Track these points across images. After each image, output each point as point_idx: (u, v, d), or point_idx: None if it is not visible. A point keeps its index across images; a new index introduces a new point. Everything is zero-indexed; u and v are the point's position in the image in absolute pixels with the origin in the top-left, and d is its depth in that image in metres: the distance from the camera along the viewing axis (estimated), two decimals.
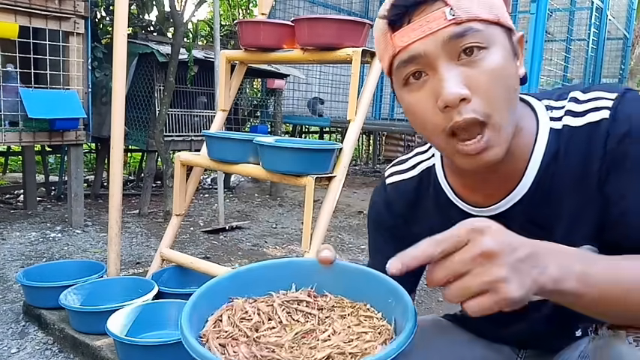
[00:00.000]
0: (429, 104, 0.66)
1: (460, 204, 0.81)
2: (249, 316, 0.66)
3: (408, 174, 0.89)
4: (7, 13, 2.82)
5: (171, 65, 3.67)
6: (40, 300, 1.97)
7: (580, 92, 0.74)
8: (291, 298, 0.71)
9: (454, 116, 0.64)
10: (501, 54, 0.66)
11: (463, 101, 0.64)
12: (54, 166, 5.47)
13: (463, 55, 0.64)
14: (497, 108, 0.65)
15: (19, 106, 2.97)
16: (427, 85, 0.66)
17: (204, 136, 2.03)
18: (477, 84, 0.64)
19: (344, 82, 5.95)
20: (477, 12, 0.64)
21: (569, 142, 0.72)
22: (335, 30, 1.87)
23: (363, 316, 0.68)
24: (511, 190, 0.75)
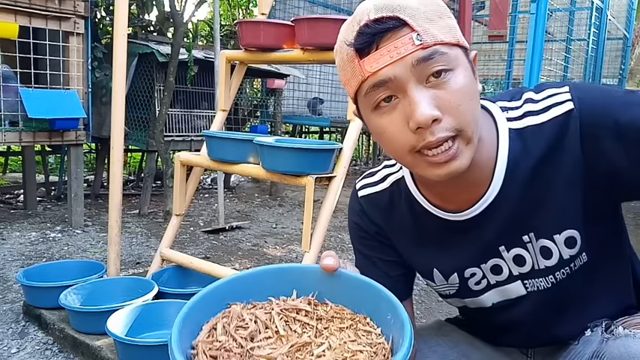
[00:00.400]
0: (400, 126, 0.69)
1: (435, 211, 0.83)
2: (245, 324, 0.65)
3: (379, 187, 0.91)
4: (7, 13, 2.82)
5: (171, 65, 3.67)
6: (40, 300, 1.97)
7: (532, 92, 0.78)
8: (291, 306, 0.70)
9: (426, 136, 0.67)
10: (464, 73, 0.69)
11: (435, 122, 0.67)
12: (54, 166, 5.47)
13: (432, 77, 0.67)
14: (466, 123, 0.68)
15: (19, 106, 2.98)
16: (398, 108, 0.69)
17: (204, 136, 2.03)
18: (446, 104, 0.67)
19: None
20: (442, 37, 0.68)
21: (536, 139, 0.75)
22: (335, 30, 1.86)
23: (362, 330, 0.67)
24: (483, 194, 0.78)
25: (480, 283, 0.86)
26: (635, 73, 7.56)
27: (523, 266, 0.82)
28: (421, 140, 0.68)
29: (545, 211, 0.77)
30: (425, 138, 0.67)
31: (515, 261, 0.82)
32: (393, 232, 0.90)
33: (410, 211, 0.87)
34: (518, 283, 0.84)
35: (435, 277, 0.90)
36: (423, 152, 0.69)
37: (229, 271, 1.95)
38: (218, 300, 0.69)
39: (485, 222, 0.80)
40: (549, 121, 0.74)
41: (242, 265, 2.87)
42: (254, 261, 2.95)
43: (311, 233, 1.77)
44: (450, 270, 0.87)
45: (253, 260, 2.96)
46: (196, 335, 0.63)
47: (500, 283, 0.85)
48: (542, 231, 0.79)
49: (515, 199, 0.77)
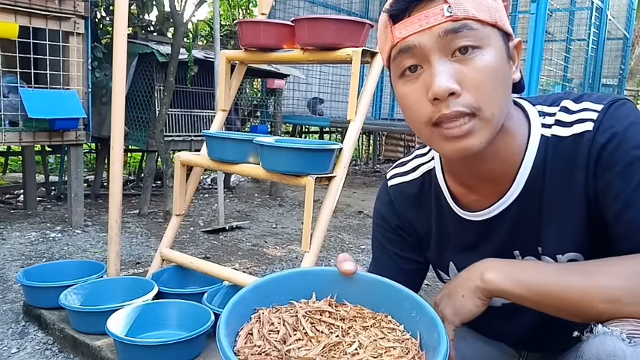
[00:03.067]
0: (421, 96, 0.69)
1: (455, 207, 0.84)
2: (276, 329, 0.67)
3: (410, 176, 0.92)
4: (7, 13, 2.82)
5: (171, 65, 3.67)
6: (40, 300, 1.97)
7: (572, 102, 0.76)
8: (314, 309, 0.71)
9: (442, 108, 0.67)
10: (494, 54, 0.68)
11: (452, 95, 0.66)
12: (54, 166, 5.47)
13: (458, 52, 0.67)
14: (485, 103, 0.67)
15: (19, 106, 2.98)
16: (421, 78, 0.69)
17: (204, 136, 2.03)
18: (467, 80, 0.67)
19: (344, 82, 5.94)
20: (475, 12, 0.67)
21: (556, 151, 0.75)
22: (335, 30, 1.87)
23: (385, 328, 0.68)
24: (503, 194, 0.78)
25: None
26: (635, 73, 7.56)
27: None
28: (437, 112, 0.68)
29: (554, 228, 0.77)
30: (440, 110, 0.67)
31: None
32: (419, 223, 0.91)
33: (436, 204, 0.88)
34: None
35: (450, 270, 0.90)
36: (439, 125, 0.69)
37: (229, 271, 1.95)
38: (247, 307, 0.71)
39: (503, 224, 0.80)
40: (571, 136, 0.73)
41: (242, 265, 2.87)
42: (254, 261, 2.95)
43: (311, 233, 1.77)
44: (465, 266, 0.87)
45: (253, 260, 2.96)
46: (233, 342, 0.65)
47: None
48: (548, 248, 0.78)
49: (532, 207, 0.77)
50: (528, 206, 0.77)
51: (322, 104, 5.67)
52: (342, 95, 5.98)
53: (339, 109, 5.98)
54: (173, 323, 1.78)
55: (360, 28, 1.90)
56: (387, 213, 0.94)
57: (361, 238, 3.49)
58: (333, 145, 1.85)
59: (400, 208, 0.92)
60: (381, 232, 0.96)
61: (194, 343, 1.61)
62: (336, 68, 5.94)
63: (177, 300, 1.86)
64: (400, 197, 0.92)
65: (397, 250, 0.94)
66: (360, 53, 1.83)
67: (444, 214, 0.86)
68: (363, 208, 4.46)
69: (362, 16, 6.15)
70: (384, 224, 0.95)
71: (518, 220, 0.79)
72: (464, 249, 0.86)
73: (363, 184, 5.98)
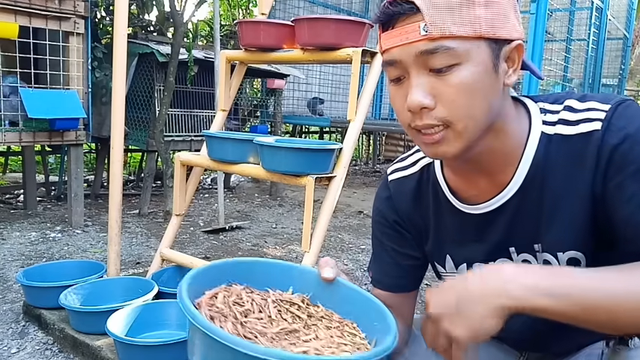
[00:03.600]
0: (402, 102, 0.73)
1: (453, 200, 0.85)
2: (242, 302, 0.68)
3: (410, 170, 0.93)
4: (7, 13, 2.82)
5: (171, 65, 3.67)
6: (40, 300, 1.97)
7: (576, 101, 0.76)
8: (286, 299, 0.73)
9: (416, 120, 0.71)
10: (472, 70, 0.68)
11: (425, 109, 0.70)
12: (54, 166, 5.47)
13: (433, 71, 0.69)
14: (459, 118, 0.70)
15: (19, 106, 2.98)
16: (404, 86, 0.73)
17: (204, 136, 2.03)
18: (441, 95, 0.69)
19: (344, 82, 5.94)
20: (454, 29, 0.67)
21: (560, 150, 0.75)
22: (335, 30, 1.87)
23: (347, 332, 0.70)
24: (502, 188, 0.79)
25: None
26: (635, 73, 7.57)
27: None
28: (412, 121, 0.72)
29: (556, 225, 0.76)
30: (414, 120, 0.72)
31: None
32: (418, 218, 0.92)
33: (434, 198, 0.88)
34: None
35: (446, 263, 0.91)
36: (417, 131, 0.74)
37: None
38: (221, 275, 0.72)
39: (500, 220, 0.80)
40: (577, 135, 0.73)
41: None
42: None
43: (311, 233, 1.77)
44: (461, 260, 0.88)
45: None
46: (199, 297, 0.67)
47: None
48: (548, 245, 0.78)
49: (531, 203, 0.77)
50: (528, 202, 0.77)
51: (322, 104, 5.67)
52: (342, 95, 5.98)
53: (339, 109, 5.98)
54: (173, 323, 1.78)
55: (360, 28, 1.90)
56: (385, 209, 0.95)
57: (361, 238, 3.49)
58: (333, 145, 1.85)
59: (399, 203, 0.93)
60: (380, 228, 0.96)
61: None
62: (336, 68, 5.94)
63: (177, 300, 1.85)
64: (399, 191, 0.93)
65: (395, 246, 0.94)
66: (360, 53, 1.83)
67: (442, 207, 0.87)
68: (363, 208, 4.46)
69: (362, 16, 6.15)
70: (382, 220, 0.96)
71: (516, 215, 0.79)
72: (461, 242, 0.87)
73: (363, 184, 5.98)
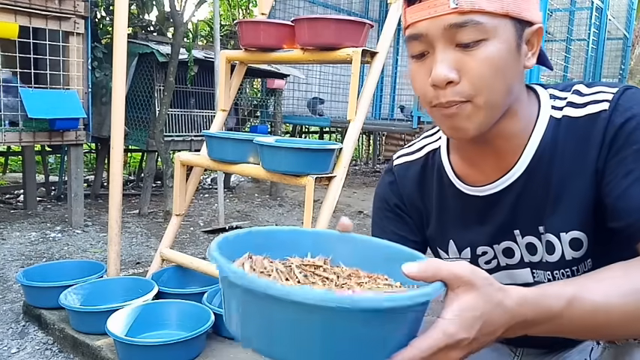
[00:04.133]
0: (425, 78, 0.72)
1: (457, 183, 0.85)
2: (267, 272, 0.64)
3: (415, 155, 0.93)
4: (7, 13, 2.82)
5: (171, 65, 3.67)
6: (40, 300, 1.97)
7: (584, 86, 0.77)
8: (309, 264, 0.70)
9: (440, 96, 0.71)
10: (499, 46, 0.69)
11: (450, 84, 0.69)
12: (54, 166, 5.47)
13: (459, 46, 0.69)
14: (482, 93, 0.70)
15: (19, 106, 2.98)
16: (427, 62, 0.72)
17: (204, 136, 2.03)
18: (467, 70, 0.69)
19: (344, 82, 5.94)
20: (483, 4, 0.67)
21: (568, 131, 0.75)
22: (335, 30, 1.87)
23: (382, 284, 0.66)
24: (507, 171, 0.79)
25: (490, 263, 0.87)
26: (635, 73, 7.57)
27: (534, 255, 0.82)
28: (435, 98, 0.71)
29: (561, 206, 0.77)
30: (438, 97, 0.71)
31: (528, 248, 0.82)
32: (421, 200, 0.92)
33: (438, 182, 0.88)
34: (527, 270, 0.84)
35: (449, 248, 0.90)
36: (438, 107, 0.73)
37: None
38: (240, 247, 0.68)
39: (505, 201, 0.80)
40: (584, 117, 0.74)
41: None
42: None
43: None
44: (465, 244, 0.88)
45: None
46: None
47: (510, 267, 0.85)
48: (552, 226, 0.78)
49: (537, 185, 0.78)
50: (534, 183, 0.78)
51: (322, 104, 5.67)
52: (342, 95, 5.98)
53: (339, 109, 5.98)
54: (173, 323, 1.78)
55: (360, 28, 1.90)
56: (387, 193, 0.95)
57: None
58: (333, 145, 1.85)
59: (403, 187, 0.93)
60: (380, 214, 0.96)
61: (194, 343, 1.61)
62: (336, 68, 5.94)
63: (177, 300, 1.86)
64: (403, 176, 0.93)
65: (396, 229, 0.94)
66: (360, 53, 1.83)
67: (446, 191, 0.87)
68: (363, 208, 4.46)
69: (362, 16, 6.15)
70: (383, 205, 0.96)
71: (521, 197, 0.79)
72: (464, 226, 0.87)
73: (363, 184, 5.98)
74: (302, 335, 0.49)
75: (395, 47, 6.25)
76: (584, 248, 0.78)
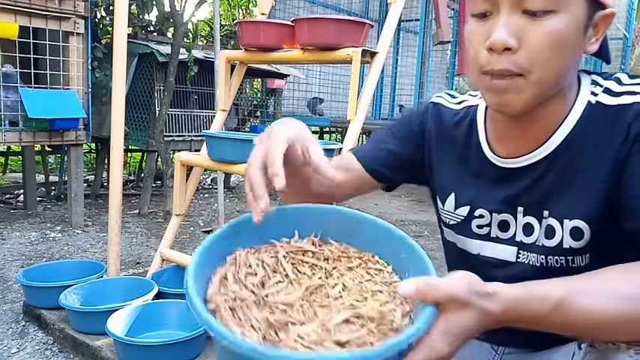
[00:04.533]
0: (482, 40, 0.69)
1: (484, 146, 0.84)
2: (253, 271, 0.63)
3: (452, 104, 0.93)
4: (7, 13, 2.82)
5: (171, 65, 3.67)
6: (40, 300, 1.97)
7: (627, 76, 0.76)
8: (296, 249, 0.68)
9: (493, 62, 0.68)
10: (567, 23, 0.66)
11: (507, 51, 0.66)
12: (54, 166, 5.47)
13: (529, 11, 0.66)
14: (538, 67, 0.67)
15: (19, 106, 2.98)
16: (488, 23, 0.69)
17: (204, 136, 2.03)
18: (527, 39, 0.66)
19: (344, 82, 5.95)
20: None
21: (599, 118, 0.74)
22: (335, 30, 1.87)
23: (372, 269, 0.65)
24: (533, 150, 0.78)
25: (481, 228, 0.86)
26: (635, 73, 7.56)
27: (528, 237, 0.81)
28: (487, 64, 0.69)
29: (571, 192, 0.76)
30: (491, 63, 0.68)
31: (524, 228, 0.81)
32: (441, 143, 0.91)
33: (465, 137, 0.87)
34: (513, 249, 0.83)
35: (447, 200, 0.90)
36: (488, 76, 0.70)
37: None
38: (221, 248, 0.65)
39: (521, 179, 0.80)
40: (617, 106, 0.72)
41: None
42: None
43: None
44: (465, 202, 0.87)
45: None
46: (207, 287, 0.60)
47: (498, 240, 0.85)
48: (558, 210, 0.77)
49: (557, 171, 0.77)
50: (553, 169, 0.77)
51: (322, 104, 5.67)
52: (342, 95, 5.98)
53: (339, 109, 5.98)
54: (173, 323, 1.78)
55: (360, 28, 1.90)
56: (415, 116, 0.95)
57: None
58: (333, 145, 1.85)
59: (431, 125, 0.92)
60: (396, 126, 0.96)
61: (194, 343, 1.61)
62: (336, 68, 5.94)
63: (177, 300, 1.86)
64: (436, 114, 0.92)
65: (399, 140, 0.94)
66: (360, 53, 1.83)
67: (470, 147, 0.86)
68: (363, 208, 4.46)
69: (362, 16, 6.15)
70: (404, 121, 0.96)
71: (538, 180, 0.78)
72: (472, 185, 0.86)
73: None
74: None
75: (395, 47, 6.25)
76: (584, 240, 0.76)
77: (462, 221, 0.88)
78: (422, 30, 4.59)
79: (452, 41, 4.47)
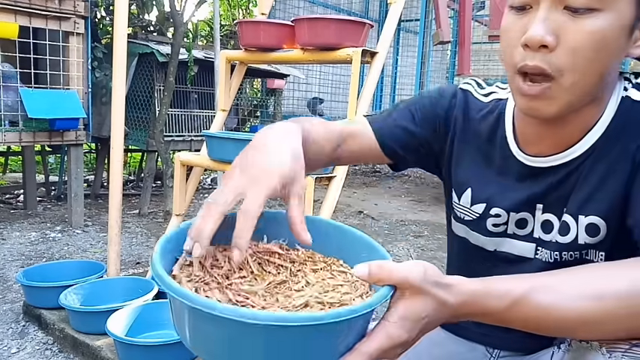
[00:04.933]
0: (518, 34, 0.66)
1: (511, 141, 0.80)
2: (219, 264, 0.63)
3: (481, 95, 0.88)
4: (7, 13, 2.82)
5: (171, 65, 3.67)
6: (40, 300, 1.97)
7: None
8: (263, 250, 0.69)
9: (527, 58, 0.64)
10: (612, 22, 0.62)
11: (544, 48, 0.63)
12: (54, 166, 5.47)
13: (571, 7, 0.62)
14: (574, 69, 0.63)
15: (19, 106, 2.98)
16: (526, 17, 0.66)
17: (204, 136, 2.03)
18: (566, 37, 0.62)
19: (344, 82, 5.95)
20: None
21: (627, 114, 0.71)
22: (335, 30, 1.87)
23: (336, 270, 0.67)
24: (562, 150, 0.74)
25: (498, 227, 0.84)
26: None
27: (547, 234, 0.79)
28: (521, 60, 0.65)
29: (591, 189, 0.73)
30: (525, 59, 0.65)
31: (543, 225, 0.79)
32: (464, 135, 0.87)
33: (490, 130, 0.84)
34: (532, 245, 0.81)
35: (463, 195, 0.87)
36: (521, 74, 0.66)
37: None
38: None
39: (546, 179, 0.77)
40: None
41: None
42: None
43: None
44: (482, 199, 0.84)
45: None
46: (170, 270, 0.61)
47: (515, 236, 0.82)
48: (574, 206, 0.75)
49: (585, 168, 0.73)
50: (583, 169, 0.74)
51: (322, 104, 5.67)
52: (342, 95, 5.98)
53: (339, 109, 5.98)
54: None
55: (360, 28, 1.90)
56: (445, 101, 0.89)
57: None
58: None
59: (457, 112, 0.87)
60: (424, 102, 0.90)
61: None
62: (336, 68, 5.95)
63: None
64: (464, 102, 0.88)
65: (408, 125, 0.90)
66: (360, 53, 1.83)
67: (495, 141, 0.82)
68: (363, 208, 4.46)
69: (362, 16, 6.15)
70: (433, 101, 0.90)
71: (564, 178, 0.75)
72: (492, 182, 0.83)
73: (363, 184, 5.98)
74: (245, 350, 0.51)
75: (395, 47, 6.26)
76: (600, 236, 0.73)
77: (477, 218, 0.85)
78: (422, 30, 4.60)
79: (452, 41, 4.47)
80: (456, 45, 4.57)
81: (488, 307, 0.58)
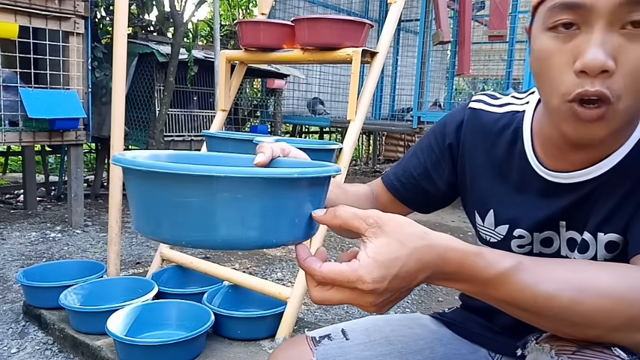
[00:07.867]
0: (565, 60, 0.61)
1: (530, 156, 0.76)
2: None
3: (495, 108, 0.84)
4: (7, 13, 2.82)
5: (171, 65, 3.67)
6: (40, 300, 1.97)
7: None
8: None
9: (585, 84, 0.59)
10: None
11: (604, 73, 0.58)
12: (54, 166, 5.47)
13: (630, 26, 0.58)
14: (629, 95, 0.59)
15: (19, 106, 2.98)
16: (574, 40, 0.60)
17: (204, 136, 2.03)
18: (625, 60, 0.58)
19: (344, 82, 5.95)
20: None
21: None
22: (335, 30, 1.87)
23: None
24: (589, 165, 0.71)
25: (522, 247, 0.81)
26: None
27: (572, 251, 0.76)
28: (578, 86, 0.59)
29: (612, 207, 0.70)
30: (584, 86, 0.59)
31: (569, 243, 0.77)
32: (477, 155, 0.84)
33: (508, 146, 0.80)
34: None
35: (486, 217, 0.84)
36: (574, 101, 0.61)
37: (229, 271, 1.95)
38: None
39: (570, 196, 0.73)
40: None
41: (242, 265, 2.87)
42: (254, 261, 2.95)
43: None
44: (505, 221, 0.81)
45: (253, 260, 2.97)
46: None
47: (543, 256, 0.80)
48: (594, 224, 0.72)
49: (608, 185, 0.70)
50: (606, 185, 0.71)
51: (322, 105, 5.67)
52: (342, 95, 5.99)
53: (339, 109, 5.99)
54: (173, 323, 1.78)
55: (360, 28, 1.90)
56: (450, 130, 0.87)
57: None
58: (333, 145, 1.85)
59: (466, 133, 0.85)
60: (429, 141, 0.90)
61: (194, 343, 1.61)
62: (336, 68, 5.95)
63: (177, 300, 1.86)
64: (474, 121, 0.84)
65: (428, 164, 0.89)
66: (360, 53, 1.83)
67: (513, 158, 0.79)
68: None
69: (362, 16, 6.15)
70: (438, 136, 0.89)
71: (587, 195, 0.72)
72: (513, 202, 0.80)
73: None
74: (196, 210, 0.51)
75: (395, 47, 6.26)
76: (618, 250, 0.72)
77: (501, 240, 0.83)
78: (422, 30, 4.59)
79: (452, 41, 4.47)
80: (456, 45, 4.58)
81: (476, 270, 0.55)
